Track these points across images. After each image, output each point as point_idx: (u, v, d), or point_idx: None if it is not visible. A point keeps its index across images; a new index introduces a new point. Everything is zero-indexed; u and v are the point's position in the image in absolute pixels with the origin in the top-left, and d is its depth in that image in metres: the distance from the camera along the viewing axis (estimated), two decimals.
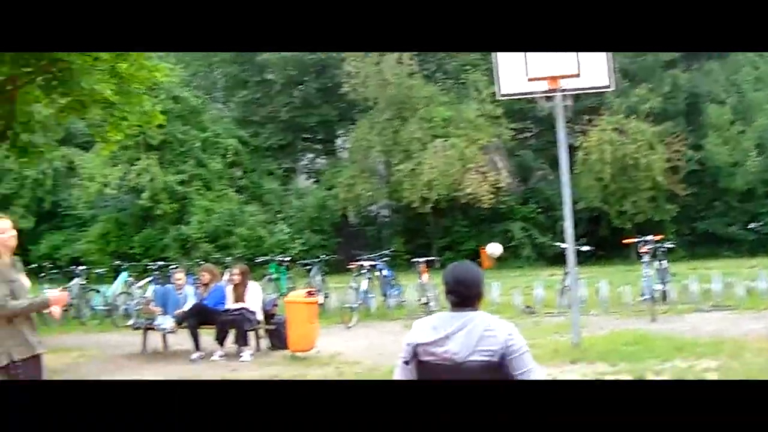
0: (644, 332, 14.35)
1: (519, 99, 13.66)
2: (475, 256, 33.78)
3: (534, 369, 5.25)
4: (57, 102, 16.66)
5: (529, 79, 13.46)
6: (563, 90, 13.42)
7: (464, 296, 5.32)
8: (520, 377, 5.22)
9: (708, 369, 11.13)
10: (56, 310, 7.51)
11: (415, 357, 5.42)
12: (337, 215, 36.39)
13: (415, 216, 35.16)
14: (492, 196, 31.64)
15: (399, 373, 5.53)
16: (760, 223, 28.67)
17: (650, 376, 10.85)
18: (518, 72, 13.48)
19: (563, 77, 13.29)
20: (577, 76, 13.28)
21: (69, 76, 14.49)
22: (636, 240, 19.38)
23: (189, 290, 15.86)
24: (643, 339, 13.62)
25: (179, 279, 16.02)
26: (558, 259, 22.63)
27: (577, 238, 29.77)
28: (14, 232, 7.32)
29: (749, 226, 29.53)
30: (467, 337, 5.22)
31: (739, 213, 33.63)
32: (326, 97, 40.34)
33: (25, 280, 7.37)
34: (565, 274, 17.90)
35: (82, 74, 14.56)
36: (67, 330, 19.16)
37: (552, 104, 13.79)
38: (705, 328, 14.82)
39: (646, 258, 17.85)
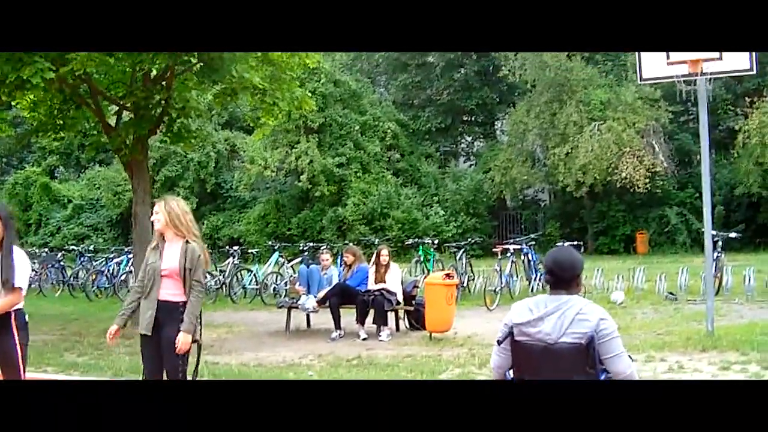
0: None
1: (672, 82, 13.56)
2: (629, 240, 33.55)
3: (623, 354, 5.40)
4: (209, 89, 17.31)
5: (669, 63, 13.36)
6: (704, 73, 13.27)
7: (560, 278, 5.56)
8: (607, 361, 5.38)
9: None
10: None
11: (511, 336, 5.67)
12: (492, 199, 36.46)
13: (571, 200, 34.98)
14: (648, 180, 31.19)
15: (493, 351, 5.80)
16: None
17: None
18: (659, 56, 13.40)
19: (704, 60, 13.14)
20: (719, 59, 13.12)
21: (220, 65, 15.03)
22: None
23: (333, 271, 16.31)
24: None
25: (325, 260, 16.45)
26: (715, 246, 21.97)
27: (734, 224, 29.41)
28: (159, 216, 7.83)
29: None
30: (560, 319, 5.46)
31: None
32: (486, 80, 40.51)
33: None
34: (714, 260, 17.68)
35: (234, 62, 15.09)
36: (219, 308, 19.98)
37: (692, 88, 13.64)
38: None
39: None
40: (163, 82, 16.39)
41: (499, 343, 5.70)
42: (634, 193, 32.21)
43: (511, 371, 5.75)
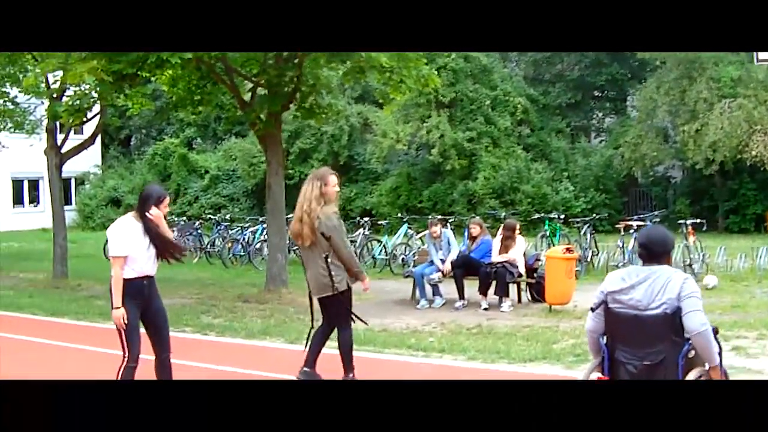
0: None
1: None
2: (760, 220, 33.13)
3: (698, 312, 5.90)
4: (338, 68, 17.92)
5: None
6: None
7: (652, 254, 6.17)
8: (684, 318, 5.92)
9: None
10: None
11: (605, 304, 6.20)
12: (622, 175, 36.36)
13: (701, 177, 34.64)
14: None
15: (588, 317, 6.34)
16: None
17: None
18: None
19: None
20: None
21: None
22: None
23: (449, 234, 16.80)
24: None
25: (434, 231, 16.86)
26: None
27: None
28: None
29: None
30: (650, 286, 6.02)
31: None
32: (616, 56, 40.24)
33: None
34: None
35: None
36: None
37: None
38: None
39: None
40: (295, 60, 17.06)
41: (593, 310, 6.25)
42: (766, 171, 31.78)
43: (604, 337, 6.24)
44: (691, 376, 6.03)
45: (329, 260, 9.04)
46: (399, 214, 28.48)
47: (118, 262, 7.92)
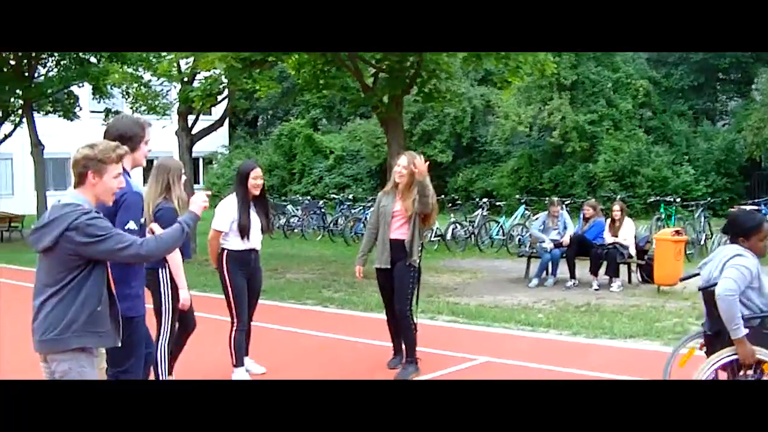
0: None
1: None
2: None
3: (730, 279, 6.36)
4: (457, 54, 18.49)
5: None
6: None
7: (730, 233, 6.80)
8: (716, 280, 6.46)
9: None
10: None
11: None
12: (744, 159, 36.09)
13: None
14: None
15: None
16: None
17: None
18: None
19: None
20: None
21: None
22: None
23: (565, 215, 17.32)
24: None
25: (555, 211, 17.35)
26: None
27: None
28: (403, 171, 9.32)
29: None
30: (712, 264, 6.61)
31: None
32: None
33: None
34: None
35: None
36: (467, 255, 21.43)
37: None
38: None
39: None
40: None
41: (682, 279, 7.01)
42: None
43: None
44: (718, 356, 6.51)
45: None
46: (517, 196, 28.98)
47: (216, 235, 8.76)
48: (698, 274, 6.94)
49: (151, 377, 7.53)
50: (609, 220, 16.62)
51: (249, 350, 9.28)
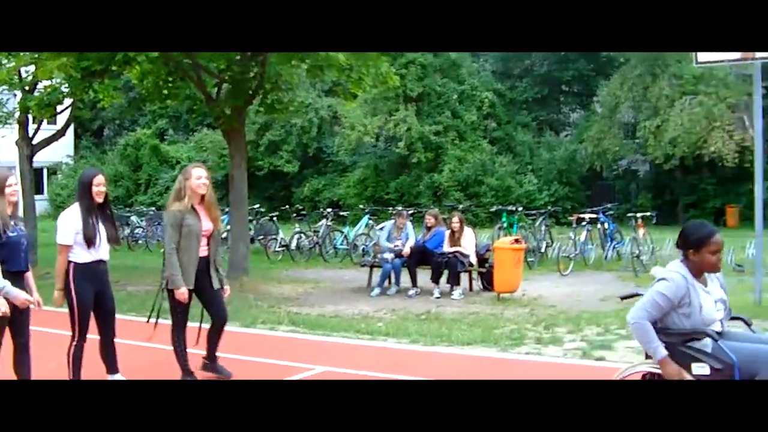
0: None
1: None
2: (720, 214, 33.91)
3: (637, 306, 6.18)
4: (300, 66, 18.45)
5: None
6: (756, 58, 13.88)
7: (680, 246, 6.35)
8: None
9: None
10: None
11: None
12: (586, 168, 37.09)
13: (663, 172, 35.45)
14: (737, 155, 31.50)
15: None
16: None
17: None
18: None
19: None
20: None
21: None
22: None
23: (408, 227, 17.44)
24: None
25: (402, 222, 17.47)
26: None
27: None
28: (206, 182, 9.04)
29: None
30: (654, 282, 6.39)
31: None
32: (583, 52, 40.95)
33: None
34: None
35: None
36: (311, 265, 21.39)
37: (744, 70, 14.23)
38: None
39: None
40: (259, 58, 17.57)
41: None
42: (725, 167, 32.54)
43: None
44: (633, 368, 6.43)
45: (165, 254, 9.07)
46: (361, 206, 29.17)
47: (63, 250, 8.46)
48: (640, 295, 6.58)
49: None
50: (449, 232, 16.80)
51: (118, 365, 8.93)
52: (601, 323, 12.46)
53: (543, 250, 21.03)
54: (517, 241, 16.37)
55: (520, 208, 24.05)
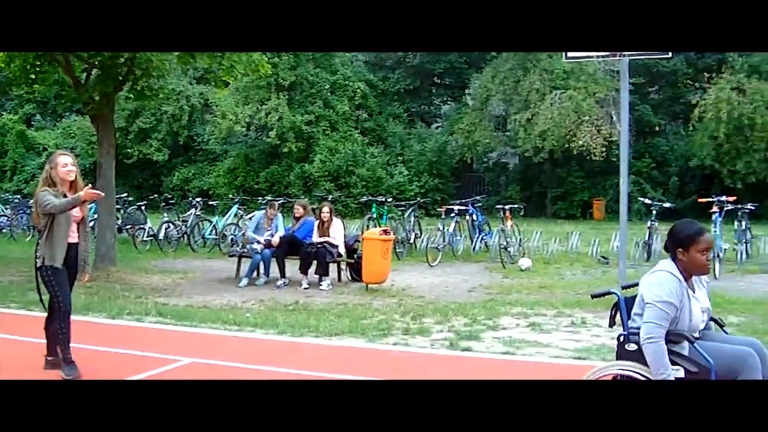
0: None
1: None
2: (587, 206, 34.73)
3: (647, 322, 5.84)
4: (170, 53, 18.22)
5: None
6: (624, 54, 14.21)
7: (668, 246, 6.14)
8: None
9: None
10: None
11: None
12: (456, 160, 37.50)
13: (533, 165, 36.09)
14: (604, 149, 32.26)
15: None
16: None
17: None
18: None
19: None
20: None
21: None
22: (711, 199, 18.91)
23: (279, 219, 17.40)
24: None
25: (272, 214, 17.45)
26: (668, 214, 22.10)
27: (688, 194, 30.55)
28: (74, 168, 8.86)
29: None
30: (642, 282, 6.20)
31: None
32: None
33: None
34: (648, 228, 18.99)
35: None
36: (179, 256, 21.19)
37: (612, 66, 14.57)
38: (762, 288, 15.70)
39: (715, 217, 18.13)
40: None
41: None
42: (593, 160, 33.27)
43: None
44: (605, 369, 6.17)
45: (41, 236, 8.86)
46: (231, 195, 28.99)
47: None
48: (613, 293, 6.36)
49: None
50: (318, 222, 16.81)
51: None
52: (469, 314, 12.64)
53: (412, 241, 21.26)
54: (386, 231, 16.48)
55: (390, 199, 24.18)
